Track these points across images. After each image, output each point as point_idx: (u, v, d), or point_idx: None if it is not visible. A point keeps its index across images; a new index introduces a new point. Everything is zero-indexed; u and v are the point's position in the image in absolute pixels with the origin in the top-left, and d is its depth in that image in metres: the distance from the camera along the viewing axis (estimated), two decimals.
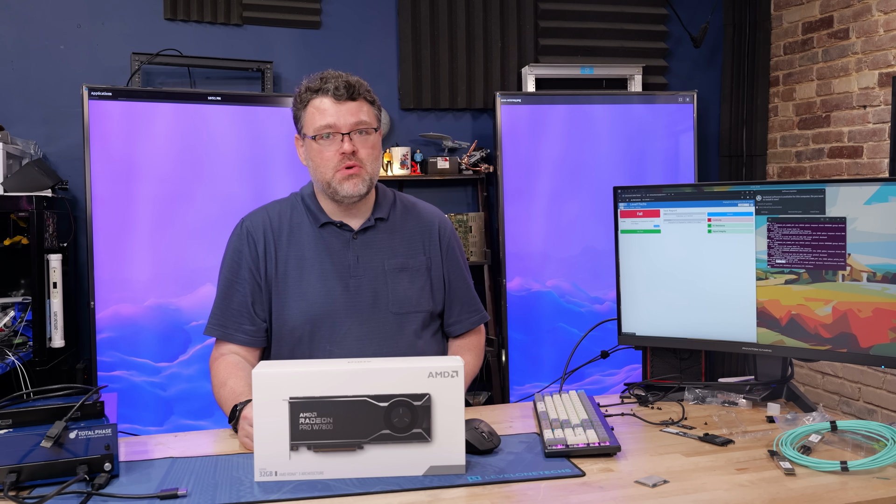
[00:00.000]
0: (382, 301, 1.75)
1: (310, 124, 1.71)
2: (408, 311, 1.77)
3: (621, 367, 3.59)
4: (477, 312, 1.92)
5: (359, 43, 3.81)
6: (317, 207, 1.79)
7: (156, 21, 3.51)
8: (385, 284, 1.76)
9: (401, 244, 1.81)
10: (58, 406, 1.36)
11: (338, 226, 1.77)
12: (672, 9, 4.08)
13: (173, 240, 3.14)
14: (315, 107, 1.71)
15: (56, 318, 2.94)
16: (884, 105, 3.46)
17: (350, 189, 1.71)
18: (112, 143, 3.09)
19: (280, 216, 1.80)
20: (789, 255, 1.75)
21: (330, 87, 1.69)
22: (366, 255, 1.77)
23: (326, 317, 1.73)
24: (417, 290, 1.79)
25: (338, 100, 1.69)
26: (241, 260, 1.77)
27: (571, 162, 3.69)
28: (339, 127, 1.69)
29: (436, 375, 1.33)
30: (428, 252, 1.84)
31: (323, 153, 1.70)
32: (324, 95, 1.70)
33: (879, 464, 1.33)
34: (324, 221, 1.77)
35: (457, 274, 1.89)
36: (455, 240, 1.91)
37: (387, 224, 1.81)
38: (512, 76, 3.94)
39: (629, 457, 1.44)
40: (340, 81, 1.70)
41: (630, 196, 1.95)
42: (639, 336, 1.95)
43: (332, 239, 1.77)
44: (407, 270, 1.79)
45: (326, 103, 1.70)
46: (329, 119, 1.69)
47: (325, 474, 1.32)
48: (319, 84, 1.71)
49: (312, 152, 1.72)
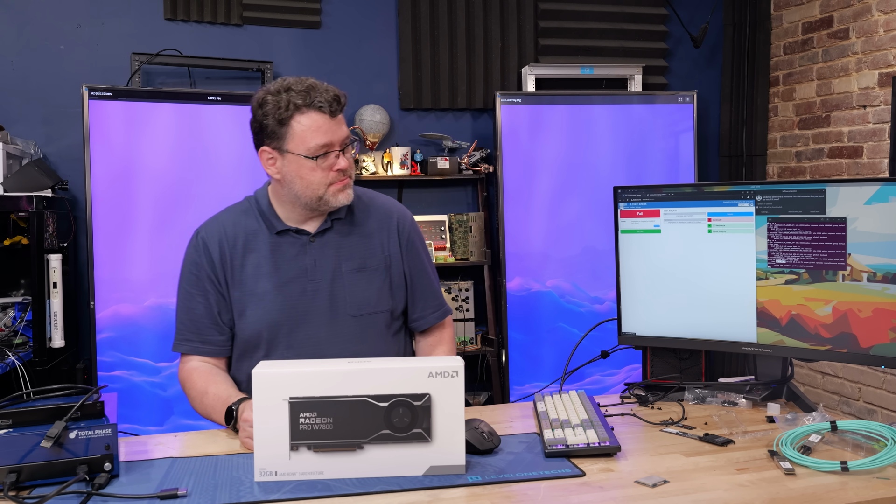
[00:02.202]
0: (340, 304, 1.73)
1: (301, 143, 1.63)
2: (367, 313, 1.74)
3: (621, 367, 3.59)
4: (440, 307, 1.89)
5: (359, 43, 3.81)
6: (272, 214, 1.74)
7: (156, 21, 3.51)
8: (342, 287, 1.73)
9: (358, 244, 1.77)
10: (58, 406, 1.36)
11: (294, 232, 1.73)
12: (672, 9, 4.08)
13: (173, 240, 3.14)
14: (306, 124, 1.62)
15: (56, 318, 2.94)
16: (884, 105, 3.45)
17: (344, 199, 1.69)
18: (112, 143, 3.09)
19: (235, 225, 1.75)
20: (789, 255, 1.75)
21: (322, 101, 1.62)
22: (323, 259, 1.73)
23: (284, 322, 1.70)
24: (376, 290, 1.76)
25: (331, 116, 1.64)
26: (199, 272, 1.73)
27: (571, 162, 3.69)
28: (335, 144, 1.65)
29: (436, 375, 1.33)
30: (387, 249, 1.80)
31: (317, 171, 1.65)
32: (314, 111, 1.63)
33: (879, 464, 1.33)
34: (280, 229, 1.73)
35: (418, 269, 1.85)
36: (416, 233, 1.86)
37: (343, 224, 1.77)
38: (512, 76, 3.94)
39: (629, 457, 1.44)
40: (329, 95, 1.63)
41: (630, 196, 1.95)
42: (639, 336, 1.95)
43: (288, 245, 1.73)
44: (365, 271, 1.76)
45: (320, 120, 1.63)
46: (327, 138, 1.63)
47: (325, 474, 1.32)
48: (306, 98, 1.62)
49: (304, 170, 1.64)
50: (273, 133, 1.65)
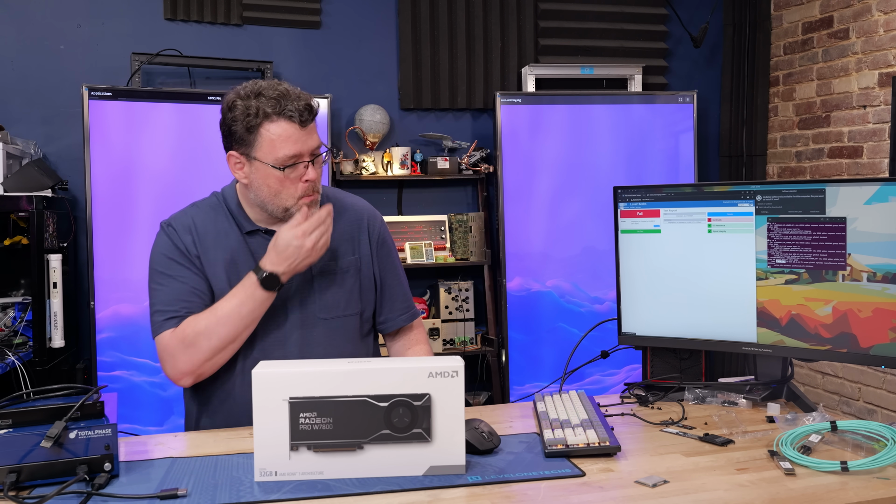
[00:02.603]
0: (310, 307, 1.70)
1: (269, 152, 1.58)
2: (336, 316, 1.72)
3: (621, 367, 3.59)
4: (409, 309, 1.86)
5: (359, 43, 3.81)
6: (241, 214, 1.71)
7: (156, 21, 3.51)
8: (312, 290, 1.71)
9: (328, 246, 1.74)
10: (58, 406, 1.36)
11: (264, 232, 1.70)
12: (672, 9, 4.08)
13: None
14: (275, 133, 1.57)
15: (56, 318, 2.94)
16: (884, 105, 3.46)
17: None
18: (112, 143, 3.09)
19: (205, 221, 1.71)
20: (789, 255, 1.75)
21: (293, 111, 1.57)
22: None
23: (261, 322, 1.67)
24: (346, 293, 1.74)
25: (302, 126, 1.58)
26: (175, 254, 1.68)
27: (571, 162, 3.69)
28: (304, 155, 1.60)
29: (436, 375, 1.33)
30: (357, 251, 1.77)
31: (285, 182, 1.60)
32: (285, 120, 1.57)
33: (879, 464, 1.33)
34: (249, 229, 1.70)
35: (388, 271, 1.82)
36: (386, 234, 1.83)
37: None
38: (512, 76, 3.94)
39: (629, 457, 1.44)
40: (301, 104, 1.58)
41: (630, 196, 1.95)
42: (639, 336, 1.95)
43: (257, 245, 1.69)
44: (335, 273, 1.73)
45: (289, 130, 1.58)
46: (296, 148, 1.58)
47: (325, 474, 1.32)
48: (277, 106, 1.57)
49: (271, 180, 1.60)
50: (241, 139, 1.60)
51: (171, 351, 1.66)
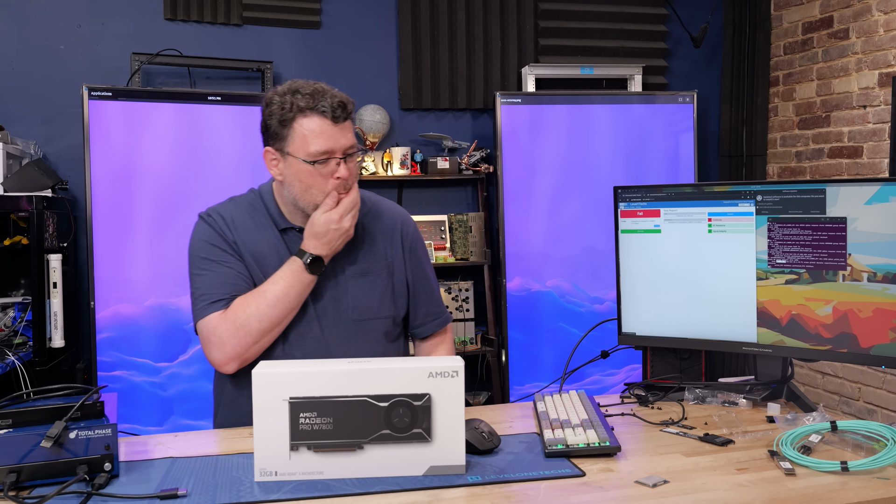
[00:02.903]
0: (343, 307, 1.72)
1: (301, 146, 1.61)
2: (368, 318, 1.73)
3: (621, 367, 3.59)
4: (441, 314, 1.89)
5: (359, 43, 3.81)
6: (277, 212, 1.73)
7: (156, 21, 3.51)
8: (345, 291, 1.72)
9: (362, 249, 1.76)
10: (58, 406, 1.36)
11: (298, 230, 1.72)
12: (672, 9, 4.08)
13: (173, 240, 3.14)
14: (308, 128, 1.60)
15: (56, 318, 2.94)
16: (884, 105, 3.45)
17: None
18: (112, 143, 3.09)
19: (242, 215, 1.74)
20: (790, 255, 1.75)
21: (325, 107, 1.60)
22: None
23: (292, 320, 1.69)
24: (378, 295, 1.75)
25: (334, 122, 1.61)
26: (217, 242, 1.71)
27: (571, 162, 3.69)
28: (336, 151, 1.62)
29: (436, 375, 1.33)
30: (390, 256, 1.79)
31: (316, 177, 1.62)
32: (317, 115, 1.60)
33: (879, 464, 1.33)
34: (284, 226, 1.72)
35: (420, 277, 1.84)
36: (418, 240, 1.86)
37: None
38: (512, 76, 3.94)
39: (629, 457, 1.44)
40: (335, 101, 1.61)
41: (630, 196, 1.95)
42: (639, 336, 1.95)
43: (291, 243, 1.71)
44: (367, 276, 1.74)
45: (322, 125, 1.60)
46: (328, 144, 1.60)
47: (325, 474, 1.32)
48: (311, 101, 1.60)
49: (303, 174, 1.62)
50: (276, 134, 1.64)
51: (219, 334, 1.66)
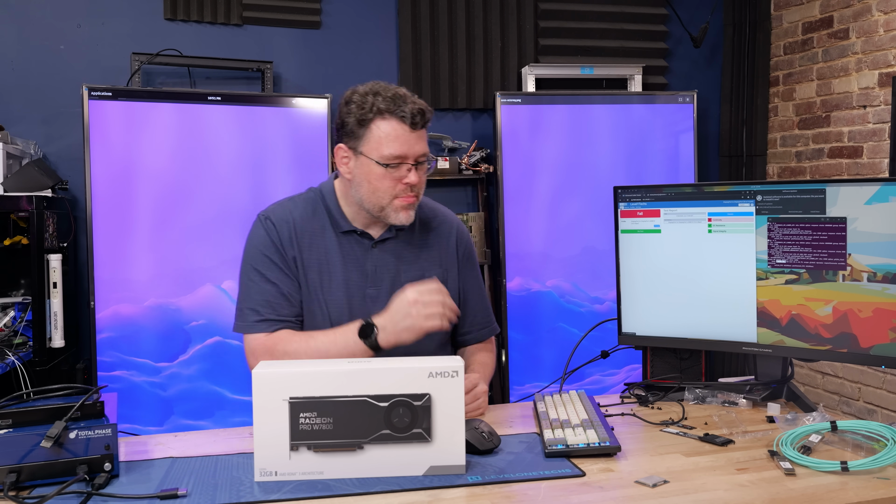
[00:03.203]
0: None
1: (376, 148, 1.62)
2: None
3: (621, 367, 3.59)
4: (488, 325, 1.91)
5: (359, 43, 3.81)
6: (339, 212, 1.74)
7: (156, 21, 3.51)
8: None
9: (418, 255, 1.78)
10: (58, 406, 1.36)
11: (359, 234, 1.74)
12: (672, 9, 4.08)
13: (173, 240, 3.14)
14: (385, 130, 1.62)
15: (56, 318, 2.94)
16: (884, 105, 3.45)
17: (404, 219, 1.68)
18: (112, 143, 3.09)
19: (303, 217, 1.74)
20: (790, 255, 1.75)
21: (406, 113, 1.62)
22: (383, 266, 1.74)
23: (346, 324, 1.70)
24: None
25: (412, 128, 1.62)
26: (273, 253, 1.71)
27: (571, 162, 3.68)
28: (409, 157, 1.63)
29: (436, 375, 1.33)
30: (445, 264, 1.81)
31: (386, 180, 1.64)
32: (396, 119, 1.62)
33: (879, 464, 1.33)
34: (345, 229, 1.73)
35: (472, 285, 1.87)
36: (471, 248, 1.89)
37: (406, 234, 1.77)
38: (512, 76, 3.94)
39: (629, 457, 1.44)
40: (416, 108, 1.63)
41: (630, 196, 1.95)
42: (639, 336, 1.95)
43: (352, 246, 1.73)
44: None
45: (399, 130, 1.62)
46: (403, 149, 1.62)
47: (325, 474, 1.32)
48: (391, 105, 1.62)
49: (373, 176, 1.64)
50: (352, 132, 1.65)
51: (257, 356, 1.69)
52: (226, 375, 3.13)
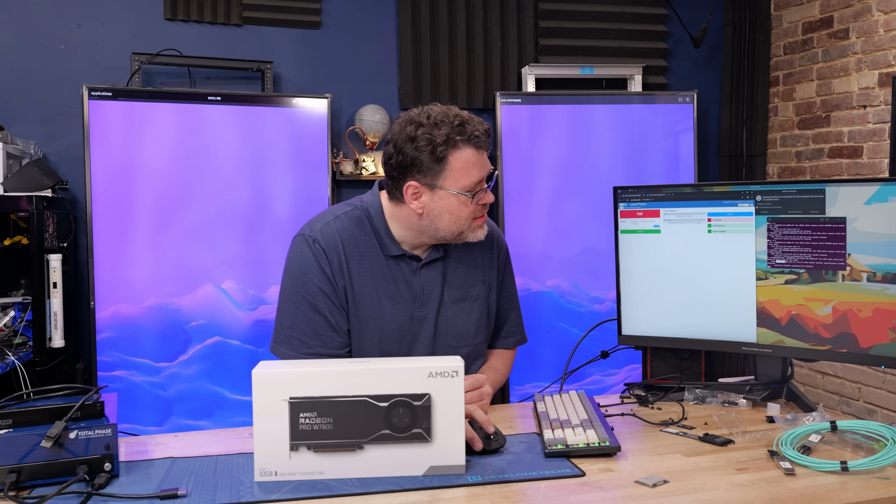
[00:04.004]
0: (442, 334, 1.73)
1: (458, 180, 1.59)
2: (466, 345, 1.76)
3: (621, 367, 3.59)
4: (516, 333, 1.92)
5: (359, 43, 3.81)
6: (387, 234, 1.69)
7: (156, 21, 3.51)
8: (445, 317, 1.73)
9: (463, 274, 1.77)
10: (58, 406, 1.36)
11: (409, 258, 1.71)
12: (672, 9, 4.07)
13: (173, 240, 3.14)
14: (463, 161, 1.59)
15: (56, 318, 2.94)
16: (884, 105, 3.45)
17: (482, 235, 1.69)
18: (112, 143, 3.09)
19: (350, 238, 1.68)
20: (789, 255, 1.75)
21: (479, 136, 1.60)
22: (430, 287, 1.73)
23: (396, 347, 1.70)
24: (475, 321, 1.78)
25: (484, 150, 1.62)
26: (322, 281, 1.66)
27: (571, 162, 3.68)
28: (485, 180, 1.63)
29: (436, 375, 1.33)
30: (487, 279, 1.81)
31: (467, 208, 1.62)
32: (472, 147, 1.60)
33: (879, 464, 1.33)
34: (395, 253, 1.69)
35: (508, 294, 1.89)
36: (508, 254, 1.90)
37: (452, 251, 1.77)
38: (512, 76, 3.94)
39: (629, 457, 1.44)
40: (481, 129, 1.61)
41: (630, 196, 1.95)
42: (639, 336, 1.95)
43: (400, 268, 1.70)
44: (466, 301, 1.76)
45: (476, 156, 1.60)
46: (482, 174, 1.61)
47: (325, 474, 1.32)
48: (462, 133, 1.58)
49: (453, 206, 1.61)
50: (427, 169, 1.59)
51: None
52: (226, 375, 3.13)
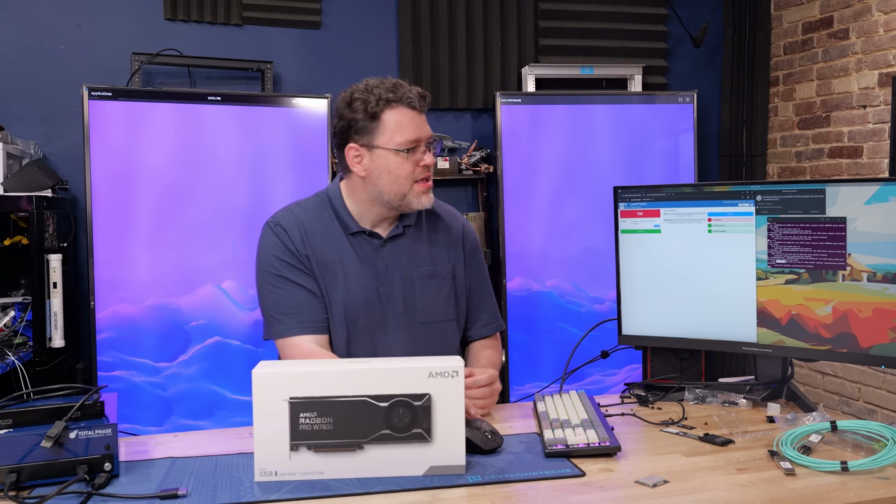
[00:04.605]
0: (411, 309, 1.75)
1: (390, 136, 1.66)
2: (436, 321, 1.77)
3: (621, 367, 3.59)
4: (495, 320, 1.92)
5: (359, 43, 3.81)
6: (346, 214, 1.75)
7: (156, 21, 3.51)
8: (413, 293, 1.75)
9: (428, 251, 1.79)
10: (58, 406, 1.36)
11: (368, 234, 1.75)
12: (672, 9, 4.07)
13: (173, 240, 3.14)
14: (397, 118, 1.66)
15: (56, 318, 2.94)
16: (884, 105, 3.45)
17: (426, 202, 1.70)
18: (112, 143, 3.09)
19: (311, 220, 1.75)
20: (789, 255, 1.75)
21: (411, 97, 1.66)
22: (394, 263, 1.75)
23: (361, 322, 1.72)
24: (444, 298, 1.79)
25: (419, 111, 1.67)
26: (287, 256, 1.72)
27: (571, 162, 3.68)
28: (423, 139, 1.67)
29: (436, 375, 1.33)
30: (452, 259, 1.83)
31: (404, 166, 1.66)
32: (405, 106, 1.66)
33: (879, 464, 1.33)
34: (354, 230, 1.74)
35: (480, 280, 1.89)
36: (477, 244, 1.91)
37: (414, 230, 1.79)
38: (512, 76, 3.94)
39: (629, 457, 1.44)
40: (415, 92, 1.68)
41: (630, 196, 1.95)
42: (639, 336, 1.95)
43: (362, 246, 1.74)
44: (434, 278, 1.78)
45: (410, 115, 1.67)
46: (417, 132, 1.66)
47: (325, 474, 1.32)
48: (396, 93, 1.66)
49: (392, 165, 1.66)
50: (363, 128, 1.67)
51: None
52: (226, 375, 3.13)
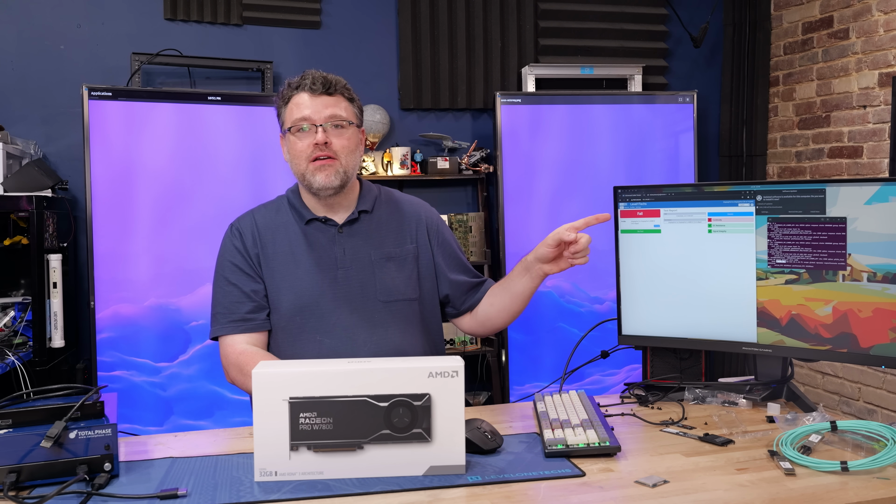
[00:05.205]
0: (370, 290, 1.78)
1: (288, 118, 1.76)
2: (395, 299, 1.79)
3: (621, 367, 3.59)
4: (480, 284, 1.93)
5: (359, 43, 3.81)
6: (301, 205, 1.82)
7: (156, 21, 3.51)
8: (372, 274, 1.78)
9: (387, 234, 1.83)
10: (58, 406, 1.36)
11: (322, 221, 1.80)
12: (672, 9, 4.08)
13: (173, 240, 3.14)
14: (294, 103, 1.76)
15: (56, 318, 2.94)
16: (884, 105, 3.45)
17: (322, 180, 1.72)
18: (112, 143, 3.09)
19: (266, 218, 1.84)
20: (789, 255, 1.75)
21: (307, 82, 1.75)
22: (352, 248, 1.79)
23: (315, 307, 1.75)
24: (405, 278, 1.81)
25: (314, 94, 1.74)
26: (235, 258, 1.81)
27: (571, 162, 3.69)
28: (314, 119, 1.73)
29: (436, 375, 1.33)
30: (415, 240, 1.86)
31: (297, 145, 1.74)
32: (302, 91, 1.76)
33: (879, 464, 1.33)
34: (308, 218, 1.80)
35: (452, 256, 1.90)
36: (444, 227, 1.93)
37: (371, 216, 1.83)
38: (512, 76, 3.94)
39: (629, 457, 1.44)
40: (317, 76, 1.76)
41: (630, 196, 1.95)
42: (639, 336, 1.95)
43: (317, 234, 1.80)
44: (394, 259, 1.81)
45: (304, 98, 1.75)
46: (305, 112, 1.73)
47: (325, 474, 1.32)
48: (298, 81, 1.77)
49: (290, 146, 1.76)
50: (280, 116, 1.81)
51: (225, 364, 1.78)
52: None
